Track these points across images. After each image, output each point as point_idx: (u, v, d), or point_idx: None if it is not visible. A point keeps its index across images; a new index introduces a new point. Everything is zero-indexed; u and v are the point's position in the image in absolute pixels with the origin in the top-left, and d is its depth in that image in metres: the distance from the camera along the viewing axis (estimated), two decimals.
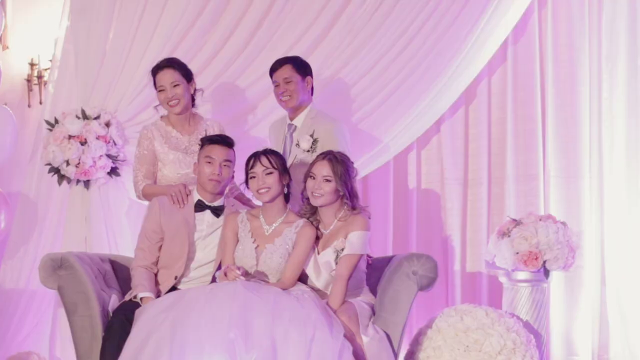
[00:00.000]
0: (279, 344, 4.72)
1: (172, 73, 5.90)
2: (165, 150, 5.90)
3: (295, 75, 6.01)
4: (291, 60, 6.09)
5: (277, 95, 6.07)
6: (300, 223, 5.39)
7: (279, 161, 5.39)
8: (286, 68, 6.03)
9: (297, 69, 6.03)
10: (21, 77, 7.59)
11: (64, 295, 5.33)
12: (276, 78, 6.05)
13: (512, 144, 7.25)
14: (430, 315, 5.85)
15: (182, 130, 5.98)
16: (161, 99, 5.94)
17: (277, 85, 6.04)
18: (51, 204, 6.86)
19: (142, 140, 5.96)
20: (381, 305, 5.33)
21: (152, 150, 5.92)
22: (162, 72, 5.91)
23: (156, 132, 5.94)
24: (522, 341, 5.47)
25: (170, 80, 5.89)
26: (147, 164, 5.91)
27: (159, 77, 5.92)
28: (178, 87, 5.90)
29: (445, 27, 6.85)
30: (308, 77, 6.08)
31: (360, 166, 6.81)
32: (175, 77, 5.90)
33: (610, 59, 7.13)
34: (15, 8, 7.50)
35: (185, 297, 4.96)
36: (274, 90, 6.08)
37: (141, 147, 5.95)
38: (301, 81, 6.03)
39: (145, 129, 6.01)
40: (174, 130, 5.97)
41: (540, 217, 6.16)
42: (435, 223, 7.38)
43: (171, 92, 5.89)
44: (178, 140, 5.94)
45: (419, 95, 6.90)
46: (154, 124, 6.02)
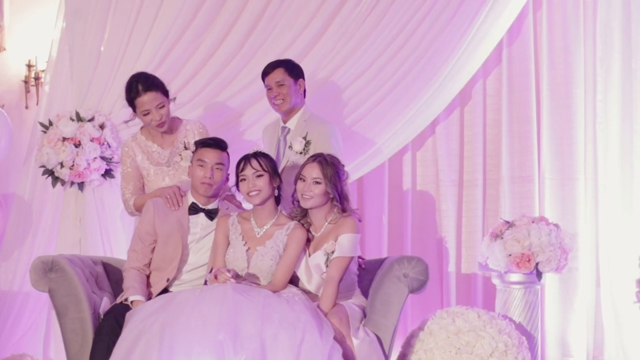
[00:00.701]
0: (268, 346, 4.72)
1: (155, 95, 5.77)
2: (147, 165, 5.90)
3: (288, 78, 6.02)
4: (283, 64, 6.09)
5: (270, 99, 6.08)
6: (291, 225, 5.39)
7: (270, 164, 5.39)
8: (278, 71, 6.03)
9: (289, 72, 6.03)
10: (19, 78, 7.61)
11: (55, 297, 5.33)
12: (268, 82, 6.05)
13: (507, 145, 7.24)
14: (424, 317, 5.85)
15: (163, 142, 5.94)
16: (147, 121, 5.82)
17: (270, 88, 6.05)
18: (46, 205, 6.87)
19: (124, 159, 5.94)
20: (372, 307, 5.32)
21: (136, 167, 5.91)
22: (145, 96, 5.76)
23: (137, 148, 5.92)
24: (514, 343, 5.46)
25: (155, 103, 5.77)
26: (134, 181, 5.90)
27: (141, 101, 5.76)
28: (163, 109, 5.80)
29: (440, 28, 6.85)
30: (300, 79, 6.08)
31: (354, 168, 6.86)
32: (159, 99, 5.79)
33: (605, 61, 7.12)
34: (12, 9, 7.51)
35: (175, 299, 4.97)
36: (267, 93, 6.08)
37: (125, 165, 5.94)
38: (294, 84, 6.03)
39: (125, 146, 5.98)
40: (154, 145, 5.93)
41: (532, 219, 6.15)
42: (430, 225, 7.37)
43: (157, 114, 5.78)
44: (160, 155, 5.92)
45: (413, 96, 6.89)
46: (134, 139, 5.97)
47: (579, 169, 7.17)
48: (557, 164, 7.20)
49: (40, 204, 6.87)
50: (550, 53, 7.23)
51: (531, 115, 7.21)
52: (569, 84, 7.19)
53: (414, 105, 6.92)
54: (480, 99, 7.32)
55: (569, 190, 7.17)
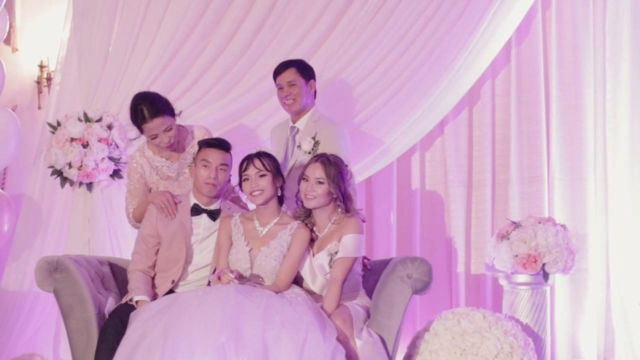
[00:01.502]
0: (271, 347, 4.71)
1: (162, 121, 5.68)
2: (155, 180, 5.87)
3: (299, 78, 6.00)
4: (295, 64, 6.07)
5: (280, 99, 6.06)
6: (294, 225, 5.38)
7: (272, 163, 5.38)
8: (290, 71, 6.01)
9: (301, 72, 6.02)
10: (31, 79, 7.61)
11: (60, 297, 5.34)
12: (280, 81, 6.03)
13: (516, 145, 7.23)
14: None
15: (171, 156, 5.89)
16: (155, 143, 5.76)
17: (281, 88, 6.03)
18: (55, 206, 6.88)
19: (132, 174, 5.88)
20: (376, 308, 5.30)
21: (143, 183, 5.86)
22: (152, 123, 5.68)
23: (146, 165, 5.86)
24: (520, 344, 5.43)
25: (162, 128, 5.69)
26: (140, 196, 5.84)
27: (148, 127, 5.69)
28: (171, 131, 5.74)
29: (447, 28, 6.85)
30: (312, 80, 6.07)
31: (362, 168, 6.87)
32: (166, 123, 5.71)
33: (614, 60, 7.09)
34: (24, 10, 7.51)
35: (178, 300, 4.96)
36: (278, 93, 6.07)
37: (132, 180, 5.88)
38: (305, 84, 6.02)
39: (133, 160, 5.89)
40: (162, 160, 5.88)
41: (539, 220, 6.12)
42: (439, 225, 7.36)
43: (166, 137, 5.72)
44: (169, 168, 5.88)
45: (420, 96, 6.88)
46: (142, 154, 5.89)
47: (589, 169, 7.15)
48: (566, 164, 7.18)
49: (49, 205, 6.88)
50: (560, 52, 7.20)
51: (540, 115, 7.19)
52: (578, 84, 7.17)
53: (422, 105, 6.91)
54: (489, 98, 7.29)
55: (579, 190, 7.15)
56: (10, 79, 7.33)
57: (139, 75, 6.76)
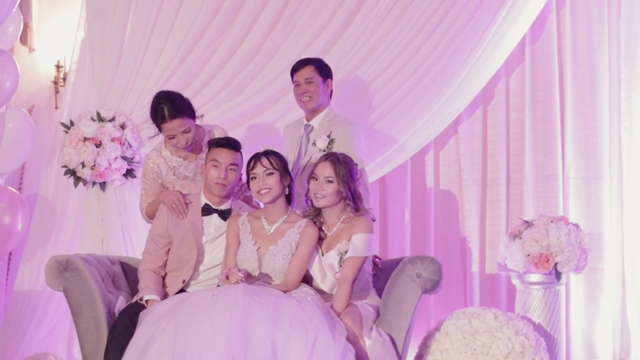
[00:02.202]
0: (280, 349, 4.70)
1: (181, 122, 5.65)
2: (172, 180, 5.85)
3: (317, 76, 5.99)
4: (314, 62, 6.07)
5: (297, 96, 6.05)
6: (302, 223, 5.36)
7: (280, 162, 5.37)
8: (308, 69, 6.01)
9: (319, 71, 6.01)
10: (48, 79, 7.63)
11: (70, 297, 5.36)
12: (297, 78, 6.02)
13: (530, 144, 7.19)
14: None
15: (188, 156, 5.88)
16: (172, 143, 5.75)
17: (298, 85, 6.02)
18: (69, 205, 6.90)
19: (147, 173, 5.86)
20: (385, 308, 5.28)
21: (159, 183, 5.85)
22: (170, 123, 5.65)
23: (162, 163, 5.84)
24: (531, 344, 5.39)
25: (181, 129, 5.67)
26: (154, 195, 5.82)
27: (167, 127, 5.67)
28: (189, 133, 5.73)
29: (460, 27, 6.82)
30: (329, 80, 6.07)
31: (376, 167, 6.86)
32: (185, 125, 5.68)
33: (629, 58, 7.04)
34: (41, 10, 7.53)
35: (187, 302, 4.95)
36: (294, 90, 6.05)
37: (147, 179, 5.87)
38: (322, 83, 6.01)
39: (150, 159, 5.87)
40: (180, 160, 5.87)
41: (552, 219, 6.09)
42: (453, 225, 7.33)
43: (183, 138, 5.70)
44: (186, 169, 5.87)
45: (434, 94, 6.87)
46: (159, 154, 5.87)
47: (604, 168, 7.10)
48: (581, 163, 7.13)
49: (63, 204, 6.90)
50: (574, 51, 7.16)
51: (555, 113, 7.15)
52: (593, 82, 7.12)
53: (435, 103, 6.89)
54: (503, 97, 7.26)
55: (594, 189, 7.10)
56: (27, 79, 7.38)
57: (152, 75, 6.78)
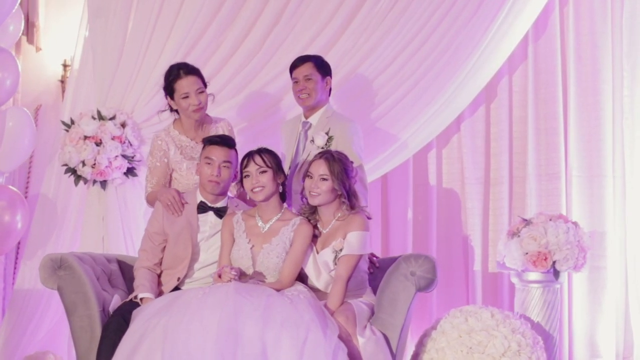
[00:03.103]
0: (270, 348, 4.69)
1: (195, 80, 5.78)
2: (179, 159, 5.84)
3: (316, 73, 5.96)
4: (313, 59, 6.04)
5: (295, 93, 6.02)
6: (297, 221, 5.35)
7: (273, 160, 5.36)
8: (307, 65, 5.98)
9: (318, 68, 5.98)
10: (55, 78, 7.65)
11: (63, 295, 5.35)
12: (296, 75, 5.99)
13: (533, 142, 7.15)
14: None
15: (196, 136, 5.90)
16: (184, 106, 5.79)
17: (297, 82, 5.98)
18: (70, 204, 6.89)
19: (155, 151, 5.87)
20: (379, 306, 5.26)
21: (165, 162, 5.85)
22: (186, 79, 5.76)
23: (170, 142, 5.87)
24: (528, 343, 5.36)
25: (196, 87, 5.76)
26: (159, 176, 5.84)
27: (182, 83, 5.76)
28: (202, 95, 5.79)
29: (462, 23, 6.77)
30: (328, 77, 6.03)
31: (378, 165, 6.85)
32: (199, 84, 5.79)
33: (631, 56, 6.99)
34: (48, 9, 7.55)
35: (179, 300, 4.95)
36: (293, 87, 6.03)
37: (154, 158, 5.87)
38: (321, 80, 5.97)
39: (158, 138, 5.91)
40: (187, 139, 5.89)
41: (550, 217, 6.06)
42: (455, 223, 7.30)
43: (197, 98, 5.76)
44: (193, 149, 5.87)
45: (436, 91, 6.83)
46: (167, 133, 5.92)
47: (607, 166, 7.05)
48: (584, 161, 7.08)
49: (64, 203, 6.90)
50: (577, 48, 7.12)
51: (558, 111, 7.11)
52: (596, 80, 7.08)
53: (437, 100, 6.85)
54: (506, 95, 7.22)
55: (597, 188, 7.05)
56: (34, 78, 7.42)
57: (154, 73, 6.74)
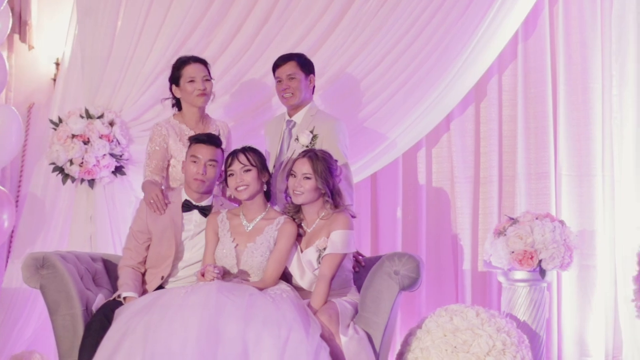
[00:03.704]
0: (251, 348, 4.67)
1: (202, 67, 5.90)
2: (180, 147, 5.84)
3: (299, 72, 5.95)
4: (296, 57, 6.02)
5: (279, 92, 6.00)
6: (281, 220, 5.34)
7: (258, 158, 5.35)
8: (290, 64, 5.96)
9: (301, 66, 5.97)
10: (48, 76, 7.58)
11: (46, 294, 5.33)
12: (279, 74, 5.98)
13: (523, 141, 7.12)
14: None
15: (196, 128, 5.92)
16: (189, 90, 5.87)
17: (280, 81, 5.97)
18: (58, 203, 6.88)
19: (154, 137, 5.89)
20: (363, 305, 5.23)
21: (165, 148, 5.85)
22: (194, 65, 5.89)
23: (170, 130, 5.89)
24: (513, 342, 5.33)
25: (202, 73, 5.88)
26: (157, 159, 5.84)
27: (189, 69, 5.88)
28: (208, 82, 5.89)
29: (453, 21, 6.75)
30: (311, 75, 6.02)
31: (367, 164, 6.84)
32: (206, 72, 5.91)
33: (620, 54, 6.96)
34: (40, 7, 7.51)
35: (160, 299, 4.93)
36: (276, 86, 6.01)
37: (153, 143, 5.88)
38: (304, 79, 5.96)
39: (158, 125, 5.94)
40: (187, 129, 5.91)
41: (536, 216, 6.04)
42: (445, 222, 7.27)
43: (202, 84, 5.85)
44: None
45: (425, 90, 6.80)
46: (168, 122, 5.96)
47: (597, 165, 7.02)
48: (574, 160, 7.05)
49: (52, 202, 6.88)
50: (567, 47, 7.09)
51: (547, 110, 7.08)
52: (586, 79, 7.05)
53: (427, 99, 6.82)
54: (495, 94, 7.19)
55: (586, 187, 7.02)
56: (27, 76, 7.38)
57: (142, 71, 6.77)
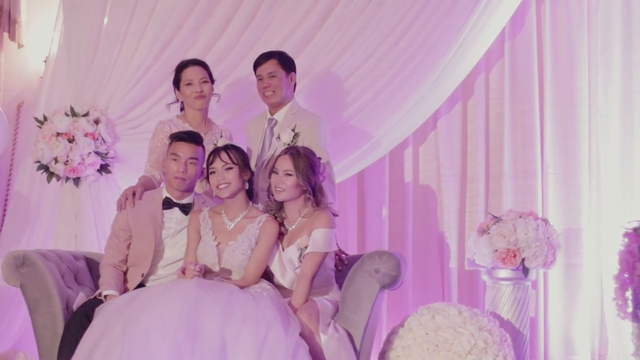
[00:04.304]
0: (230, 344, 4.65)
1: (201, 70, 5.96)
2: None
3: (280, 70, 5.95)
4: (276, 55, 6.01)
5: (260, 90, 6.00)
6: (262, 218, 5.32)
7: (240, 156, 5.33)
8: (271, 62, 5.96)
9: (282, 64, 5.96)
10: (37, 75, 7.58)
11: (26, 292, 5.31)
12: (260, 72, 5.97)
13: (509, 139, 7.11)
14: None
15: (199, 129, 5.93)
16: (187, 93, 5.95)
17: (261, 79, 5.97)
18: (44, 201, 6.88)
19: (157, 134, 5.93)
20: (344, 303, 5.22)
21: (166, 144, 5.79)
22: (192, 68, 5.95)
23: (174, 127, 5.90)
24: (495, 340, 5.30)
25: (200, 76, 5.94)
26: (157, 154, 5.86)
27: (187, 71, 5.96)
28: (206, 84, 5.95)
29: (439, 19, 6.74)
30: (292, 73, 6.01)
31: (352, 162, 6.84)
32: (204, 74, 5.97)
33: (606, 52, 6.94)
34: (30, 5, 7.51)
35: (140, 295, 4.92)
36: (257, 84, 6.01)
37: (155, 139, 5.92)
38: (285, 76, 5.96)
39: (162, 123, 5.99)
40: (190, 128, 5.92)
41: (520, 214, 6.02)
42: (431, 220, 7.26)
43: (199, 87, 5.92)
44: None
45: (411, 89, 6.79)
46: (171, 121, 6.00)
47: (583, 163, 7.01)
48: (561, 158, 7.04)
49: (38, 200, 6.88)
50: (554, 45, 7.08)
51: (534, 108, 7.06)
52: (572, 77, 7.04)
53: (412, 97, 6.81)
54: (482, 92, 7.19)
55: (573, 185, 7.01)
56: (17, 75, 7.40)
57: (129, 69, 6.78)
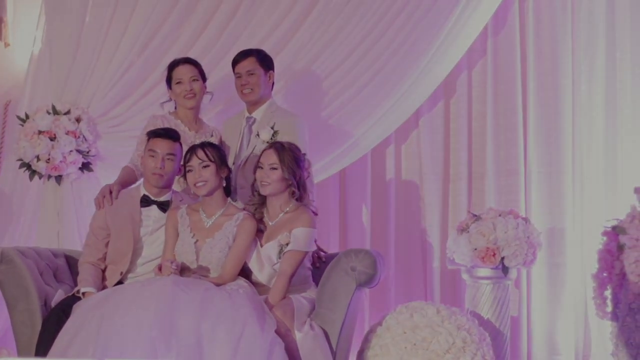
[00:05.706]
0: (205, 341, 4.66)
1: (191, 68, 5.99)
2: None
3: (259, 68, 5.95)
4: (255, 53, 6.01)
5: (238, 88, 5.99)
6: (240, 216, 5.32)
7: (217, 154, 5.33)
8: (250, 60, 5.95)
9: (260, 62, 5.96)
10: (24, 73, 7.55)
11: (4, 289, 5.32)
12: (239, 70, 5.97)
13: (492, 138, 7.08)
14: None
15: (190, 126, 5.97)
16: (177, 92, 5.97)
17: (239, 77, 5.97)
18: (26, 199, 6.88)
19: (148, 126, 5.91)
20: (320, 301, 5.22)
21: None
22: (182, 66, 5.98)
23: (165, 123, 5.90)
24: (474, 339, 5.29)
25: (190, 74, 5.96)
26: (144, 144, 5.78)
27: (178, 70, 5.99)
28: (196, 83, 5.96)
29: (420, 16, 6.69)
30: (271, 71, 6.01)
31: (332, 161, 6.82)
32: (194, 73, 5.98)
33: (589, 50, 6.94)
34: (16, 4, 7.50)
35: (116, 292, 4.93)
36: (235, 82, 6.00)
37: (145, 131, 5.88)
38: (264, 75, 5.96)
39: (154, 117, 6.00)
40: (182, 124, 5.94)
41: (500, 213, 6.01)
42: (414, 219, 7.23)
43: (189, 85, 5.94)
44: (185, 134, 5.87)
45: (391, 88, 6.75)
46: (164, 116, 6.01)
47: (567, 162, 6.99)
48: (544, 156, 7.02)
49: (20, 198, 6.89)
50: (537, 43, 7.06)
51: (517, 107, 7.04)
52: (556, 75, 7.02)
53: (393, 96, 6.78)
54: (465, 90, 7.17)
55: (556, 183, 6.99)
56: (3, 74, 7.37)
57: (110, 68, 6.76)
